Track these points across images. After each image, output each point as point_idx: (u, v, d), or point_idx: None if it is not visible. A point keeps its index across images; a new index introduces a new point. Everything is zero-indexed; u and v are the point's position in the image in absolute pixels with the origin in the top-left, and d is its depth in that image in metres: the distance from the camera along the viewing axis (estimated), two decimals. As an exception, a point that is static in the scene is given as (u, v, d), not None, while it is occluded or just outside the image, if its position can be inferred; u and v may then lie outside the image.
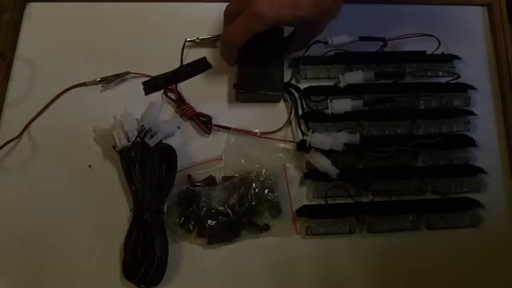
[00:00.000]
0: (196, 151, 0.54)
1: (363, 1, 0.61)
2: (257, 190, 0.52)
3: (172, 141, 0.53)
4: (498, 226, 0.55)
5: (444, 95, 0.57)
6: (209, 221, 0.51)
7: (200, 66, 0.58)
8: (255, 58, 0.53)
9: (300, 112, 0.55)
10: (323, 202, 0.52)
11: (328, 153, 0.52)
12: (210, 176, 0.53)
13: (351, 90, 0.56)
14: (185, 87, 0.57)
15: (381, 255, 0.53)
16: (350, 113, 0.54)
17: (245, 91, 0.54)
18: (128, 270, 0.48)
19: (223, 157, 0.54)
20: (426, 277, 0.52)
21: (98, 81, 0.56)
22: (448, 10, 0.63)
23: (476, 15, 0.63)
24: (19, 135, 0.54)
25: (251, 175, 0.53)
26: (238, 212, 0.51)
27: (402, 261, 0.53)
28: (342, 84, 0.56)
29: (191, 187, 0.52)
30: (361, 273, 0.52)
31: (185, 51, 0.58)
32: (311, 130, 0.53)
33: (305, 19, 0.47)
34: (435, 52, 0.58)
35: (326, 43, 0.55)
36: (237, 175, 0.53)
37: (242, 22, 0.47)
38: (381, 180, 0.54)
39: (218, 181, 0.53)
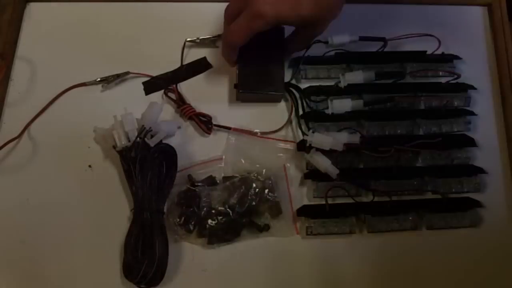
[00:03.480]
0: (196, 151, 0.54)
1: (363, 1, 0.61)
2: (257, 190, 0.52)
3: (172, 141, 0.53)
4: (498, 226, 0.55)
5: (444, 95, 0.57)
6: (209, 221, 0.51)
7: (200, 66, 0.58)
8: (255, 58, 0.53)
9: (301, 112, 0.55)
10: (323, 202, 0.52)
11: (328, 153, 0.52)
12: (210, 176, 0.53)
13: (351, 90, 0.56)
14: (185, 87, 0.57)
15: (381, 255, 0.53)
16: (350, 113, 0.55)
17: (246, 91, 0.54)
18: (128, 270, 0.48)
19: (223, 157, 0.54)
20: (426, 277, 0.52)
21: (98, 81, 0.56)
22: (448, 10, 0.63)
23: (476, 15, 0.63)
24: (19, 135, 0.54)
25: (251, 175, 0.53)
26: (238, 212, 0.51)
27: (402, 261, 0.53)
28: (342, 84, 0.56)
29: (192, 187, 0.52)
30: (361, 273, 0.52)
31: (185, 51, 0.58)
32: (311, 130, 0.53)
33: (305, 18, 0.47)
34: (435, 52, 0.58)
35: (326, 43, 0.55)
36: (237, 175, 0.53)
37: (243, 21, 0.47)
38: (381, 180, 0.54)
39: (218, 181, 0.53)
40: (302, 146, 0.53)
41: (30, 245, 0.51)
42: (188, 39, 0.58)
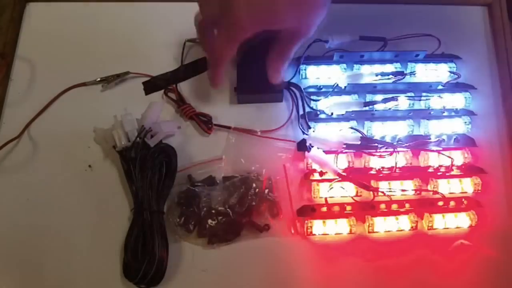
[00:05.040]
0: (196, 151, 0.54)
1: (363, 1, 0.61)
2: (257, 190, 0.52)
3: (172, 141, 0.53)
4: (498, 226, 0.55)
5: (444, 95, 0.57)
6: (209, 221, 0.51)
7: (200, 66, 0.58)
8: (253, 59, 0.52)
9: (301, 112, 0.55)
10: (323, 202, 0.52)
11: (328, 153, 0.52)
12: (210, 176, 0.53)
13: (351, 90, 0.56)
14: (185, 87, 0.57)
15: (381, 255, 0.53)
16: (350, 113, 0.55)
17: (246, 93, 0.54)
18: (128, 270, 0.48)
19: (223, 157, 0.54)
20: (426, 277, 0.52)
21: (98, 81, 0.56)
22: (448, 10, 0.63)
23: (476, 15, 0.63)
24: (19, 135, 0.54)
25: (251, 175, 0.53)
26: (238, 212, 0.51)
27: (402, 261, 0.53)
28: (342, 84, 0.56)
29: (191, 187, 0.52)
30: (361, 273, 0.52)
31: (185, 51, 0.58)
32: (311, 130, 0.53)
33: (285, 20, 0.44)
34: (435, 52, 0.58)
35: (326, 42, 0.55)
36: (237, 175, 0.53)
37: (225, 33, 0.44)
38: (381, 180, 0.54)
39: (218, 181, 0.53)
40: (302, 146, 0.53)
41: (30, 245, 0.51)
42: (188, 39, 0.58)
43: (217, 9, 0.44)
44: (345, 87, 0.56)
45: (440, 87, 0.58)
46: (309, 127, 0.54)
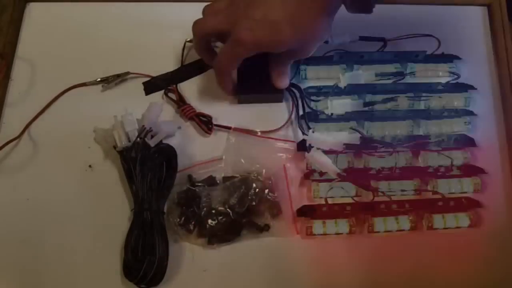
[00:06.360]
0: (197, 151, 0.54)
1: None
2: (257, 190, 0.52)
3: (173, 141, 0.53)
4: (498, 226, 0.55)
5: (444, 95, 0.57)
6: (209, 221, 0.51)
7: (200, 66, 0.58)
8: (254, 60, 0.52)
9: (301, 112, 0.55)
10: (323, 202, 0.52)
11: (328, 153, 0.52)
12: (211, 176, 0.53)
13: (351, 90, 0.56)
14: (186, 87, 0.57)
15: (381, 255, 0.53)
16: (350, 113, 0.55)
17: (246, 94, 0.54)
18: (128, 270, 0.48)
19: (224, 157, 0.54)
20: (426, 277, 0.52)
21: (98, 81, 0.56)
22: (448, 10, 0.63)
23: (476, 15, 0.63)
24: (19, 135, 0.54)
25: (251, 175, 0.53)
26: (238, 212, 0.51)
27: (402, 261, 0.53)
28: (342, 84, 0.56)
29: (192, 187, 0.52)
30: (361, 273, 0.52)
31: (185, 51, 0.58)
32: (311, 130, 0.53)
33: (286, 44, 0.47)
34: (435, 52, 0.58)
35: (326, 42, 0.55)
36: (237, 175, 0.53)
37: (228, 48, 0.47)
38: (381, 180, 0.54)
39: (218, 181, 0.53)
40: (302, 146, 0.53)
41: (30, 245, 0.51)
42: (188, 39, 0.58)
43: (223, 24, 0.47)
44: (345, 87, 0.56)
45: (440, 87, 0.58)
46: (309, 128, 0.54)
